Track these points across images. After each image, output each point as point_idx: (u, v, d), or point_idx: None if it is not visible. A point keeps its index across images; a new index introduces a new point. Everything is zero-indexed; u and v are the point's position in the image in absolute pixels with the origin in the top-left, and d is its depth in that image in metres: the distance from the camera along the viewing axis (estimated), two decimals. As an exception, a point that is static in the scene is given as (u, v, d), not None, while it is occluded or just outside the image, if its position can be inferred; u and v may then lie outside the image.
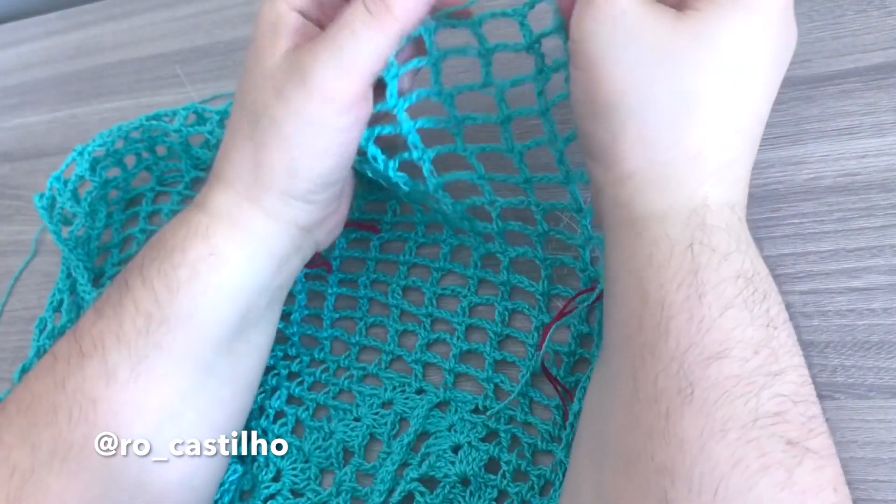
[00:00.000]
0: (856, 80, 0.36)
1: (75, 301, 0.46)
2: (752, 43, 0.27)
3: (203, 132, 0.45)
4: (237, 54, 0.54)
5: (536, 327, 0.36)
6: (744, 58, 0.26)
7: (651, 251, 0.26)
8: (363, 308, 0.40)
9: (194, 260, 0.32)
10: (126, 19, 0.60)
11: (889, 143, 0.34)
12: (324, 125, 0.31)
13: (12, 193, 0.56)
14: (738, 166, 0.27)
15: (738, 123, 0.27)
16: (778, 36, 0.27)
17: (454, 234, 0.40)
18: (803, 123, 0.36)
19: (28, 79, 0.62)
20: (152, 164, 0.48)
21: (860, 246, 0.33)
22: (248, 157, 0.32)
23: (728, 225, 0.26)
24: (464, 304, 0.38)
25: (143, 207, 0.49)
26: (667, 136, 0.26)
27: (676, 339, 0.24)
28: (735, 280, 0.25)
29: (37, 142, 0.57)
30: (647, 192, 0.27)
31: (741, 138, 0.27)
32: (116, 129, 0.46)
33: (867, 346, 0.31)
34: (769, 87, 0.28)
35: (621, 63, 0.26)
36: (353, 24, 0.30)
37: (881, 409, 0.30)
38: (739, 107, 0.27)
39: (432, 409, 0.36)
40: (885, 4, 0.37)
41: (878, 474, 0.29)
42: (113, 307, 0.32)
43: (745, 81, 0.27)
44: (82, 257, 0.45)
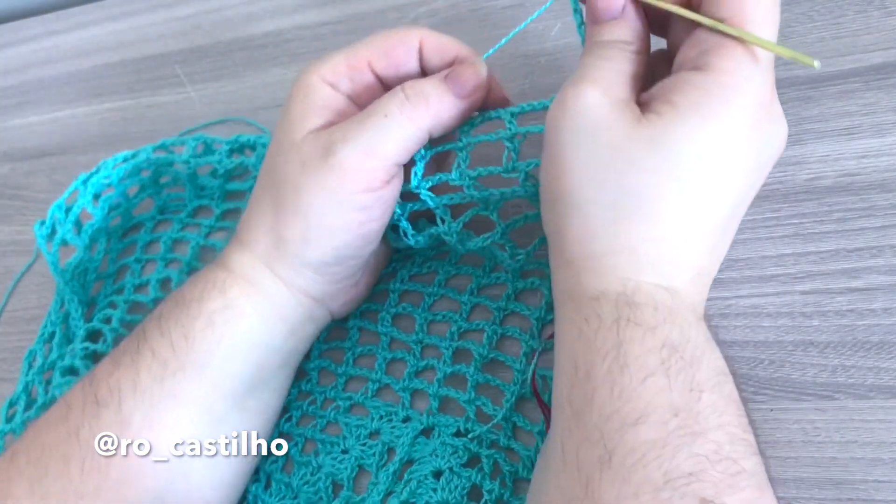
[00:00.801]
0: (856, 80, 0.36)
1: (66, 334, 0.44)
2: (711, 149, 0.27)
3: (211, 162, 0.44)
4: (237, 54, 0.54)
5: (525, 352, 0.35)
6: (700, 164, 0.27)
7: (582, 327, 0.27)
8: (353, 338, 0.39)
9: (211, 311, 0.33)
10: (126, 19, 0.60)
11: (889, 143, 0.34)
12: (343, 202, 0.32)
13: (12, 193, 0.56)
14: (683, 262, 0.28)
15: (686, 225, 0.27)
16: (748, 141, 0.27)
17: (455, 264, 0.39)
18: (803, 123, 0.36)
19: (28, 79, 0.62)
20: (155, 192, 0.47)
21: (860, 246, 0.33)
22: (267, 222, 0.33)
23: (658, 302, 0.27)
24: (453, 329, 0.37)
25: (142, 236, 0.47)
26: (607, 232, 0.27)
27: (599, 408, 0.25)
28: (659, 350, 0.26)
29: (37, 142, 0.57)
30: (584, 276, 0.28)
31: (690, 238, 0.28)
32: (122, 157, 0.45)
33: (867, 346, 0.31)
34: (736, 193, 0.28)
35: (577, 159, 0.28)
36: (389, 108, 0.31)
37: (881, 409, 0.30)
38: (689, 210, 0.27)
39: (417, 436, 0.35)
40: (885, 4, 0.37)
41: (878, 474, 0.29)
42: (131, 356, 0.33)
43: (699, 186, 0.27)
44: (77, 290, 0.44)
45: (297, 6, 0.54)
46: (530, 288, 0.37)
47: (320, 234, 0.32)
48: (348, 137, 0.31)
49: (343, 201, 0.32)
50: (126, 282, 0.45)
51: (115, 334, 0.42)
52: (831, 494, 0.29)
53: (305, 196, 0.32)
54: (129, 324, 0.43)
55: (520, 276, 0.37)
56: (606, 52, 0.29)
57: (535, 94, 0.42)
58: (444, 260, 0.39)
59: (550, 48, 0.44)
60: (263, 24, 0.54)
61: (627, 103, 0.28)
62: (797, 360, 0.32)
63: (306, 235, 0.32)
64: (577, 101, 0.28)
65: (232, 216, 0.46)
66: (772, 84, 0.28)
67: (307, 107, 0.33)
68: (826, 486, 0.29)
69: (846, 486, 0.29)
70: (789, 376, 0.32)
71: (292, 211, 0.32)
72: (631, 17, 0.30)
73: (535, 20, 0.35)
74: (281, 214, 0.33)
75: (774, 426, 0.31)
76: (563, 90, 0.29)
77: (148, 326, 0.33)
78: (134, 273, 0.46)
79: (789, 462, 0.30)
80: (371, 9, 0.51)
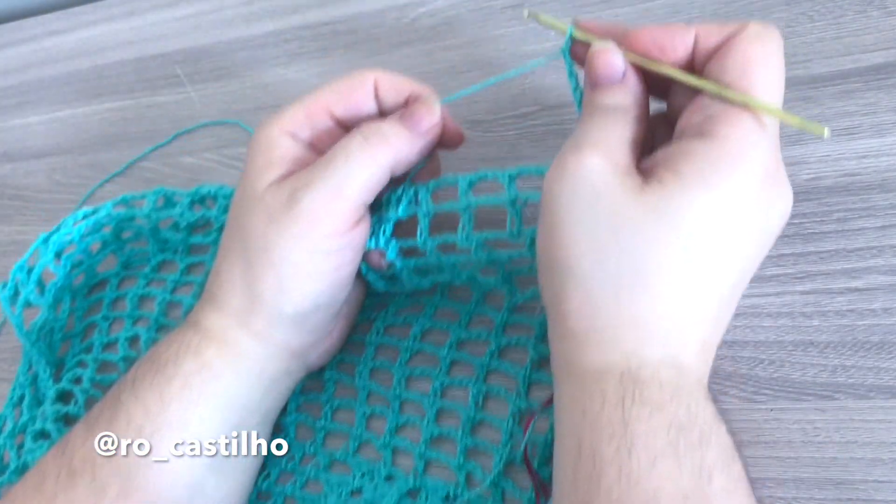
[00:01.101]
0: (856, 80, 0.36)
1: (36, 396, 0.43)
2: (717, 219, 0.26)
3: (172, 215, 0.44)
4: (237, 54, 0.54)
5: (513, 413, 0.34)
6: (706, 234, 0.26)
7: (586, 405, 0.26)
8: (329, 391, 0.38)
9: (187, 373, 0.32)
10: (126, 19, 0.60)
11: (889, 143, 0.34)
12: (314, 248, 0.31)
13: (12, 193, 0.56)
14: (689, 333, 0.27)
15: (691, 296, 0.26)
16: (754, 209, 0.27)
17: (430, 317, 0.38)
18: (803, 123, 0.36)
19: (28, 79, 0.62)
20: (117, 248, 0.46)
21: (860, 246, 0.33)
22: (238, 280, 0.33)
23: (663, 380, 0.26)
24: (435, 385, 0.36)
25: (107, 293, 0.46)
26: (610, 303, 0.27)
27: (607, 493, 0.25)
28: (667, 431, 0.25)
29: (37, 142, 0.57)
30: (586, 349, 0.27)
31: (695, 309, 0.27)
32: (81, 214, 0.44)
33: (867, 346, 0.31)
34: (743, 261, 0.28)
35: (578, 228, 0.27)
36: (349, 149, 0.31)
37: (881, 409, 0.30)
38: (695, 281, 0.26)
39: (402, 498, 0.34)
40: (885, 4, 0.37)
41: (877, 474, 0.29)
42: (106, 423, 0.32)
43: (705, 256, 0.26)
44: (44, 350, 0.43)
45: (297, 6, 0.54)
46: (514, 345, 0.36)
47: (295, 285, 0.32)
48: (311, 183, 0.31)
49: (314, 248, 0.31)
50: (94, 340, 0.45)
51: (87, 395, 0.42)
52: (831, 494, 0.29)
53: (275, 249, 0.32)
54: (99, 384, 0.42)
55: (503, 333, 0.36)
56: (607, 117, 0.29)
57: (535, 95, 0.43)
58: (419, 313, 0.38)
59: (550, 48, 0.44)
60: (263, 24, 0.54)
61: (630, 170, 0.27)
62: (797, 360, 0.32)
63: (281, 288, 0.32)
64: (578, 166, 0.27)
65: (197, 270, 0.45)
66: (777, 149, 0.28)
67: (267, 159, 0.33)
68: (826, 486, 0.29)
69: (846, 486, 0.29)
70: (789, 376, 0.32)
71: (264, 265, 0.32)
72: (631, 82, 0.30)
73: (534, 20, 0.35)
74: (253, 270, 0.32)
75: (774, 426, 0.31)
76: (563, 155, 0.28)
77: (122, 390, 0.33)
78: (102, 331, 0.45)
79: (789, 462, 0.30)
80: (371, 9, 0.51)
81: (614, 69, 0.29)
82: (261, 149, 0.33)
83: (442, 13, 0.48)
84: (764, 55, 0.27)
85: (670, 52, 0.29)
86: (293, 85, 0.51)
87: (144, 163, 0.52)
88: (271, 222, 0.31)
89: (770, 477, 0.30)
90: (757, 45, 0.27)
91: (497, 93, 0.44)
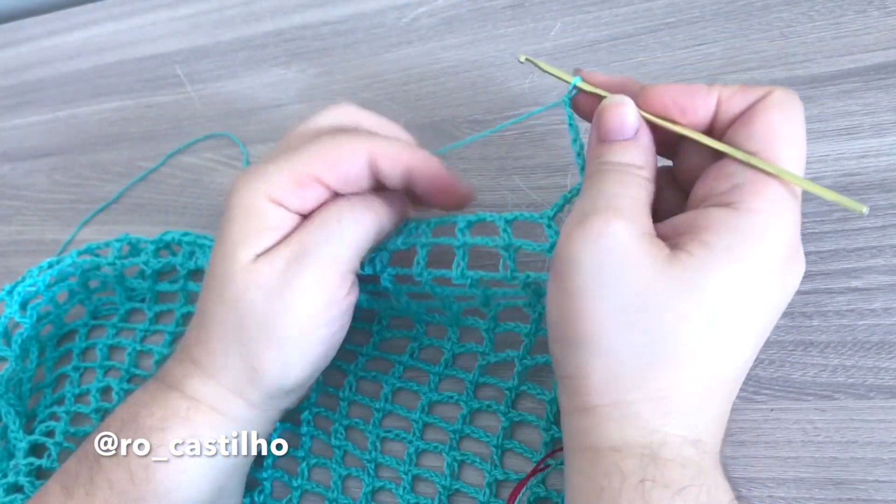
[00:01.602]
0: (856, 80, 0.36)
1: (7, 448, 0.43)
2: (743, 293, 0.25)
3: (138, 263, 0.43)
4: (237, 54, 0.54)
5: (489, 483, 0.34)
6: (732, 308, 0.25)
7: (603, 484, 0.25)
8: (305, 446, 0.38)
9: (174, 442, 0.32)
10: (126, 19, 0.60)
11: (889, 143, 0.34)
12: (315, 321, 0.31)
13: (12, 193, 0.56)
14: (709, 409, 0.26)
15: (714, 371, 0.26)
16: (776, 282, 0.26)
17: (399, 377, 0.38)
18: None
19: (28, 79, 0.62)
20: (85, 298, 0.46)
21: (860, 246, 0.33)
22: (234, 356, 0.32)
23: (685, 460, 0.25)
24: (410, 451, 0.35)
25: (77, 343, 0.46)
26: (633, 379, 0.25)
27: None
28: None
29: (37, 142, 0.57)
30: (605, 425, 0.26)
31: (716, 384, 0.26)
32: (46, 264, 0.43)
33: (867, 346, 0.31)
34: (758, 334, 0.27)
35: (603, 301, 0.25)
36: (341, 213, 0.31)
37: (881, 409, 0.30)
38: (719, 356, 0.26)
39: None
40: (885, 4, 0.37)
41: (878, 474, 0.29)
42: (84, 486, 0.31)
43: (730, 331, 0.25)
44: (14, 402, 0.43)
45: (297, 6, 0.54)
46: (486, 410, 0.35)
47: (298, 360, 0.32)
48: (309, 254, 0.30)
49: (315, 321, 0.31)
50: (66, 391, 0.44)
51: (60, 448, 0.41)
52: (831, 494, 0.29)
53: (279, 327, 0.31)
54: (72, 436, 0.42)
55: (474, 397, 0.36)
56: (622, 177, 0.27)
57: (535, 95, 0.43)
58: (388, 373, 0.38)
59: (550, 48, 0.44)
60: (263, 24, 0.54)
61: (654, 238, 0.26)
62: (797, 359, 0.32)
63: (285, 363, 0.31)
64: (603, 232, 0.25)
65: (166, 318, 0.45)
66: (799, 223, 0.27)
67: (254, 228, 0.31)
68: (826, 486, 0.29)
69: (846, 486, 0.29)
70: (789, 376, 0.32)
71: (266, 344, 0.31)
72: (644, 139, 0.28)
73: (534, 20, 0.34)
74: (253, 348, 0.31)
75: (774, 426, 0.31)
76: (585, 218, 0.26)
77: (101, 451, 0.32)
78: (73, 382, 0.45)
79: (789, 462, 0.30)
80: (371, 9, 0.51)
81: (627, 125, 0.28)
82: (247, 216, 0.31)
83: (442, 13, 0.48)
84: (790, 124, 0.26)
85: (691, 114, 0.28)
86: (293, 85, 0.51)
87: (144, 163, 0.52)
88: (270, 300, 0.30)
89: (770, 477, 0.30)
90: (784, 113, 0.26)
91: (497, 93, 0.44)
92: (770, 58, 0.38)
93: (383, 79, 0.48)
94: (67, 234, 0.51)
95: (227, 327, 0.32)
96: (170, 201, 0.50)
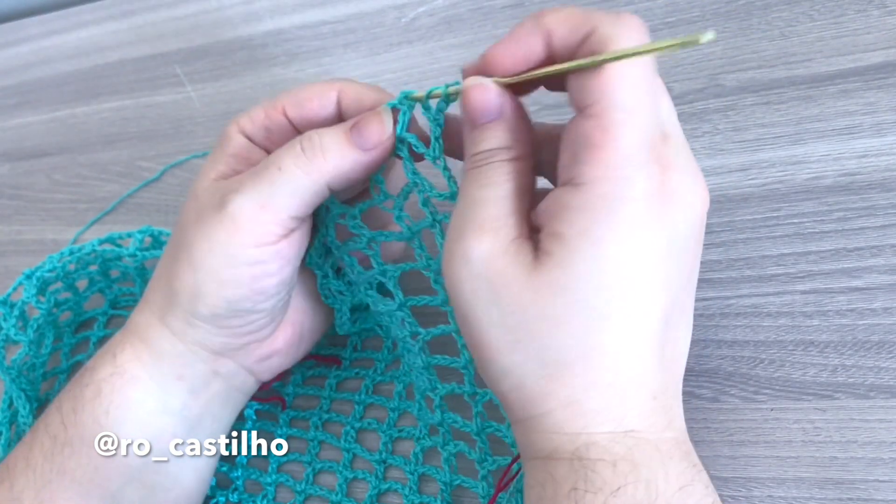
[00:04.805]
0: (856, 80, 0.36)
1: (17, 432, 0.42)
2: (619, 269, 0.24)
3: (158, 255, 0.42)
4: (237, 54, 0.54)
5: (484, 475, 0.34)
6: (614, 288, 0.24)
7: (540, 493, 0.25)
8: (313, 451, 0.38)
9: (100, 379, 0.32)
10: (126, 19, 0.60)
11: (889, 143, 0.34)
12: (234, 256, 0.30)
13: (12, 193, 0.56)
14: (634, 394, 0.25)
15: (623, 356, 0.25)
16: (653, 234, 0.24)
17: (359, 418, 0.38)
18: (803, 123, 0.36)
19: (28, 79, 0.62)
20: (105, 287, 0.46)
21: (860, 245, 0.33)
22: (163, 276, 0.32)
23: (616, 458, 0.24)
24: (416, 450, 0.35)
25: (95, 332, 0.46)
26: (539, 393, 0.25)
27: None
28: None
29: (37, 142, 0.57)
30: (534, 437, 0.26)
31: (633, 365, 0.25)
32: (68, 251, 0.43)
33: (867, 345, 0.31)
34: (663, 289, 0.25)
35: (486, 325, 0.25)
36: (284, 161, 0.30)
37: (881, 409, 0.30)
38: (622, 338, 0.25)
39: None
40: (885, 4, 0.37)
41: (878, 474, 0.29)
42: (31, 433, 0.32)
43: (621, 310, 0.24)
44: (25, 386, 0.42)
45: (297, 6, 0.54)
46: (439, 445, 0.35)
47: (210, 288, 0.31)
48: (241, 190, 0.30)
49: (234, 255, 0.30)
50: None
51: None
52: (831, 494, 0.29)
53: (196, 249, 0.30)
54: None
55: (428, 434, 0.35)
56: (489, 174, 0.27)
57: (535, 94, 0.42)
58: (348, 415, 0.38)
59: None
60: (263, 24, 0.54)
61: (519, 245, 0.25)
62: (797, 359, 0.32)
63: (196, 288, 0.31)
64: (466, 258, 0.25)
65: None
66: (654, 163, 0.25)
67: (217, 155, 0.32)
68: (826, 486, 0.29)
69: (846, 486, 0.29)
70: (789, 376, 0.32)
71: (184, 263, 0.31)
72: (508, 113, 0.27)
73: None
74: (174, 266, 0.31)
75: (774, 426, 0.31)
76: (454, 244, 0.26)
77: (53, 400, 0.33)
78: None
79: (789, 462, 0.30)
80: (371, 9, 0.51)
81: (489, 101, 0.27)
82: (219, 141, 0.33)
83: (442, 13, 0.48)
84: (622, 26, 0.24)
85: (533, 56, 0.26)
86: (293, 85, 0.50)
87: (144, 163, 0.52)
88: (198, 221, 0.31)
89: (770, 477, 0.30)
90: (615, 27, 0.24)
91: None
92: (770, 57, 0.38)
93: (383, 79, 0.48)
94: (67, 233, 0.51)
95: (167, 250, 0.33)
96: (170, 201, 0.50)
